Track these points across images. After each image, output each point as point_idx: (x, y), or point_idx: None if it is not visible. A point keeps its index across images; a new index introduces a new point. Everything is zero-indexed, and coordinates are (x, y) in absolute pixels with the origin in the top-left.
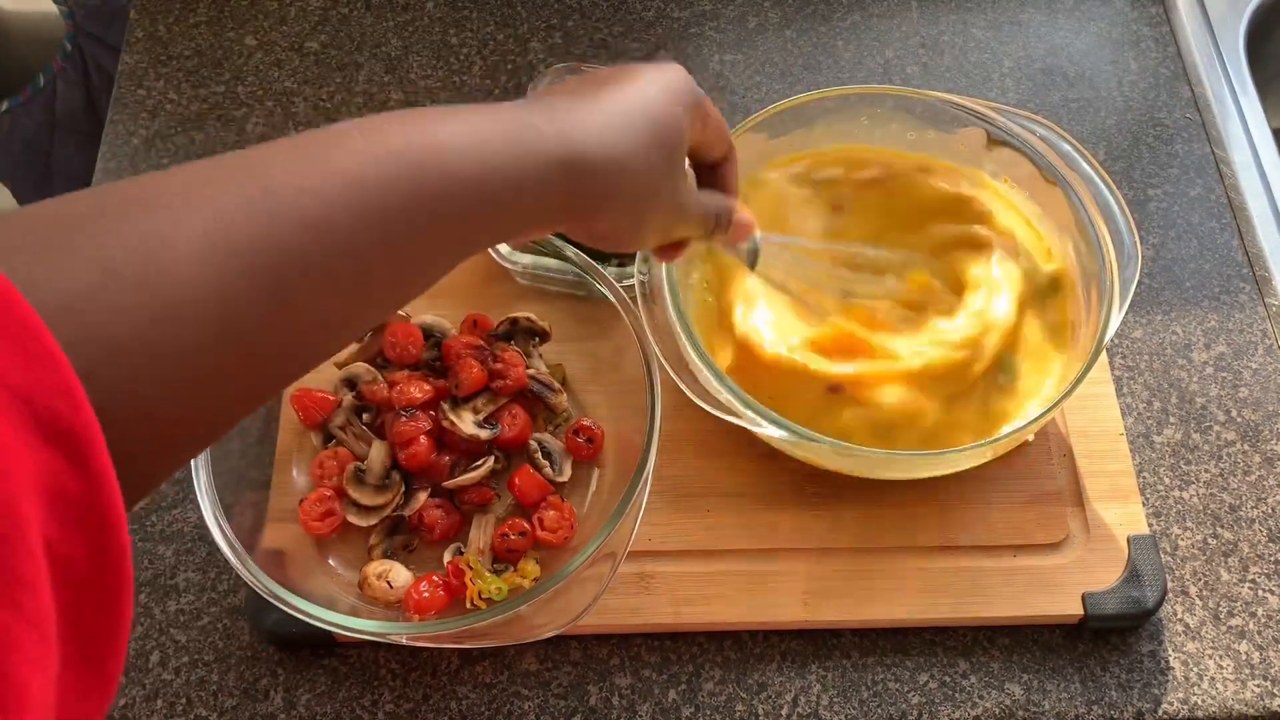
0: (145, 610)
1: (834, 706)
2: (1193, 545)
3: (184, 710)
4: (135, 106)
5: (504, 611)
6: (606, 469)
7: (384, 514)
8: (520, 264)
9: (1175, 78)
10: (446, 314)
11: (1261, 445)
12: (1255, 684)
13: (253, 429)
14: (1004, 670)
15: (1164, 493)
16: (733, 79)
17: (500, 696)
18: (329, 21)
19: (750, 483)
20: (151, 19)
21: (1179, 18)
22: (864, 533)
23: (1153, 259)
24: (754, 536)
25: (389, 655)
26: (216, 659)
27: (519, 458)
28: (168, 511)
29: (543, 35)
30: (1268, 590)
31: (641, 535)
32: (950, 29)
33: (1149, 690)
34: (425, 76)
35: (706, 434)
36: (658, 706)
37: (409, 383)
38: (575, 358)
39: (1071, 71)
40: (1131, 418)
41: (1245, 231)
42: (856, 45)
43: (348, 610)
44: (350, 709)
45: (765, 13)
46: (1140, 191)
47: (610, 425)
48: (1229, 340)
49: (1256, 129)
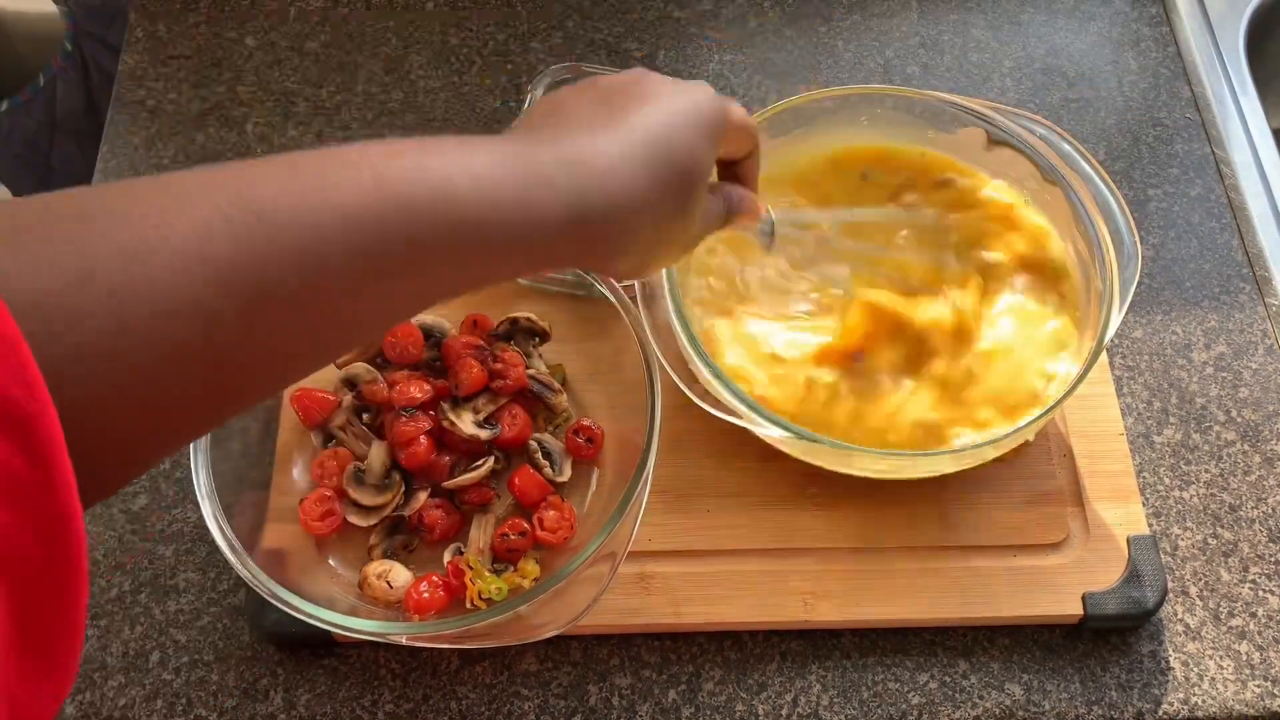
0: (145, 610)
1: (834, 706)
2: (1193, 545)
3: (184, 710)
4: (135, 106)
5: (504, 611)
6: (606, 469)
7: (384, 514)
8: None
9: (1175, 77)
10: (446, 314)
11: (1261, 445)
12: (1255, 684)
13: (253, 429)
14: (1004, 670)
15: (1164, 493)
16: (733, 79)
17: (500, 696)
18: (329, 21)
19: (750, 483)
20: (151, 19)
21: (1179, 17)
22: (864, 533)
23: (1153, 259)
24: (754, 536)
25: (389, 655)
26: (216, 659)
27: (519, 458)
28: (168, 511)
29: (543, 35)
30: (1268, 590)
31: (641, 535)
32: (950, 29)
33: (1149, 690)
34: (425, 76)
35: (706, 434)
36: (658, 706)
37: (409, 383)
38: (575, 358)
39: (1071, 71)
40: (1131, 418)
41: (1245, 231)
42: (856, 45)
43: (347, 610)
44: (350, 709)
45: (765, 13)
46: (1140, 191)
47: (610, 425)
48: (1229, 340)
49: (1256, 129)
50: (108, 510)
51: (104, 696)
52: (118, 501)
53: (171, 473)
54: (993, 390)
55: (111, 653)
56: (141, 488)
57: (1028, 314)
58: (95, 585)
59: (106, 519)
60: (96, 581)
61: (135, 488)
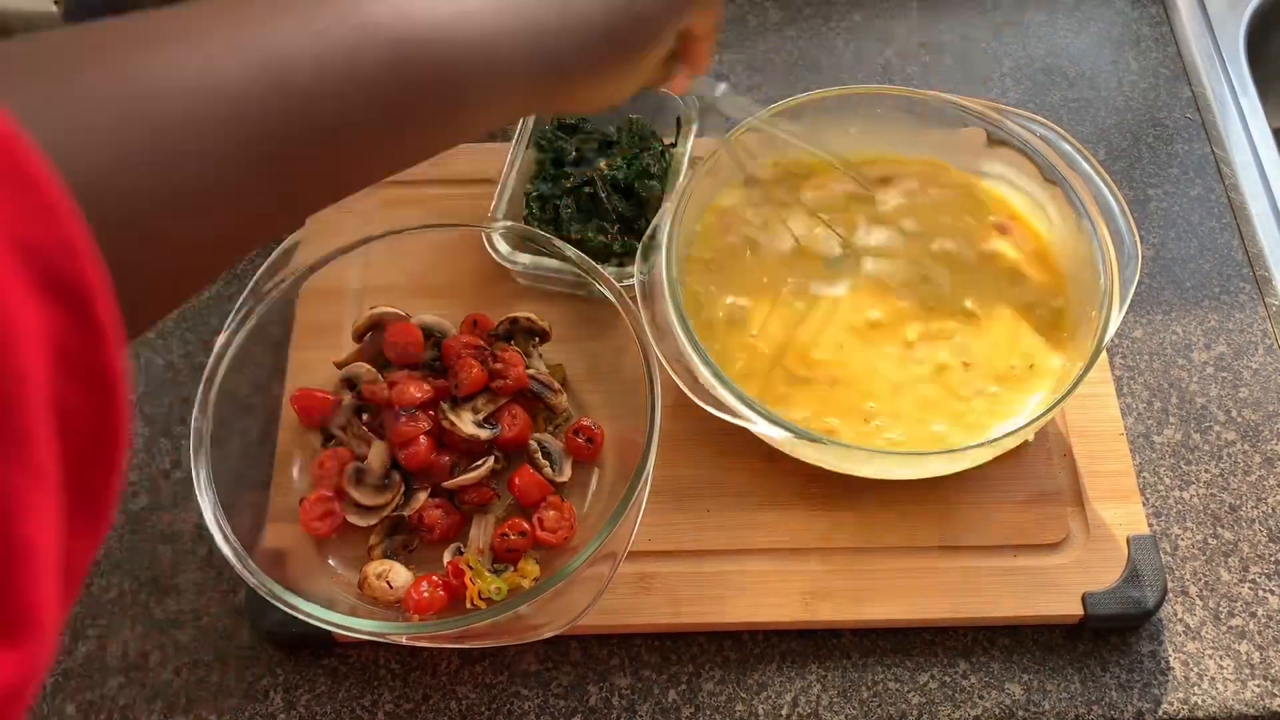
0: (145, 610)
1: (834, 706)
2: (1193, 545)
3: (184, 710)
4: None
5: (504, 611)
6: (606, 469)
7: (384, 514)
8: (520, 264)
9: (1175, 78)
10: (446, 314)
11: (1261, 445)
12: (1255, 684)
13: (253, 429)
14: (1004, 670)
15: (1164, 493)
16: (732, 79)
17: (500, 696)
18: None
19: (750, 483)
20: None
21: (1179, 17)
22: (864, 533)
23: (1153, 259)
24: (754, 536)
25: (389, 655)
26: (216, 659)
27: (519, 458)
28: (168, 511)
29: None
30: (1268, 590)
31: (641, 535)
32: (950, 29)
33: (1149, 690)
34: None
35: (706, 434)
36: (657, 706)
37: (409, 383)
38: (575, 358)
39: (1071, 71)
40: (1131, 418)
41: (1245, 231)
42: (856, 45)
43: (347, 610)
44: (350, 709)
45: (765, 13)
46: (1140, 191)
47: (610, 425)
48: (1229, 340)
49: (1256, 129)
50: None
51: (104, 696)
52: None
53: (171, 472)
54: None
55: (111, 653)
56: (141, 488)
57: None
58: (95, 585)
59: None
60: (96, 581)
61: (135, 488)
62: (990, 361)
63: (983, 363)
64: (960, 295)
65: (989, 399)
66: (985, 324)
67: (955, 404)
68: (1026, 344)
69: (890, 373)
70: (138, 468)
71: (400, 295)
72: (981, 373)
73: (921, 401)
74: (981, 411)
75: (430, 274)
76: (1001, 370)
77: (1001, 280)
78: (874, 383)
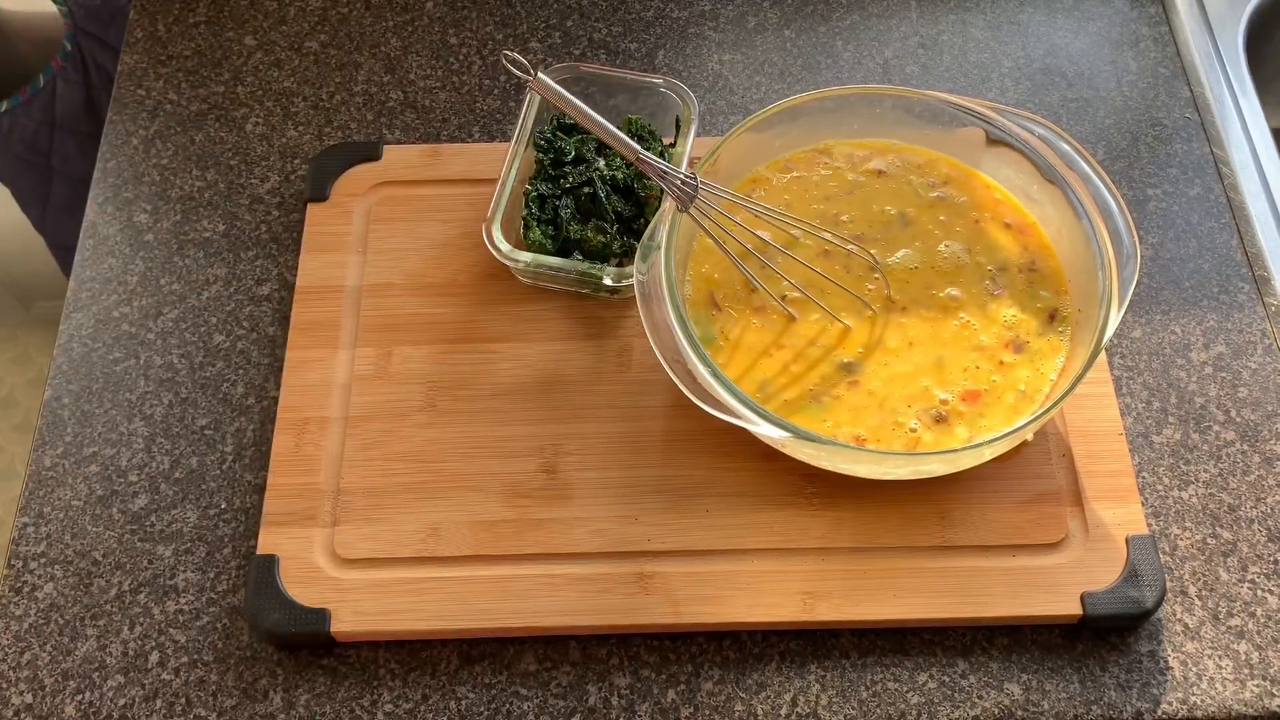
0: (145, 610)
1: (833, 706)
2: (1192, 545)
3: (184, 710)
4: (135, 106)
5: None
6: (607, 469)
7: None
8: (521, 262)
9: (1174, 77)
10: (448, 311)
11: (1261, 445)
12: (1254, 684)
13: (247, 431)
14: (1003, 670)
15: (1163, 493)
16: (732, 79)
17: (499, 696)
18: (329, 21)
19: (750, 483)
20: (151, 19)
21: (1178, 18)
22: (864, 533)
23: (1152, 259)
24: (754, 536)
25: (388, 655)
26: (216, 659)
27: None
28: (168, 511)
29: (542, 35)
30: (1267, 590)
31: (641, 535)
32: (950, 29)
33: (1148, 690)
34: (425, 76)
35: (706, 434)
36: (657, 706)
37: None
38: (575, 357)
39: (1071, 71)
40: (1131, 417)
41: (1244, 231)
42: (856, 45)
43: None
44: (350, 709)
45: (765, 13)
46: (1139, 191)
47: (610, 425)
48: (1228, 340)
49: (1256, 129)
50: (108, 510)
51: (104, 696)
52: (117, 501)
53: (171, 473)
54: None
55: (111, 653)
56: (141, 488)
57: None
58: (95, 585)
59: (106, 519)
60: (96, 581)
61: (135, 488)
62: (989, 361)
63: (982, 362)
64: (959, 295)
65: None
66: (984, 324)
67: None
68: (1025, 342)
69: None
70: (138, 468)
71: (399, 295)
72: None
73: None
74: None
75: (430, 273)
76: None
77: (1000, 279)
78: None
